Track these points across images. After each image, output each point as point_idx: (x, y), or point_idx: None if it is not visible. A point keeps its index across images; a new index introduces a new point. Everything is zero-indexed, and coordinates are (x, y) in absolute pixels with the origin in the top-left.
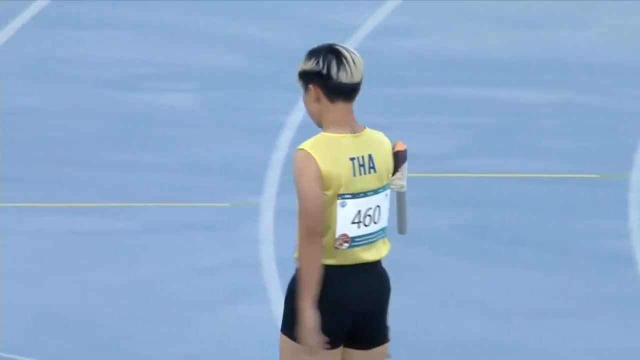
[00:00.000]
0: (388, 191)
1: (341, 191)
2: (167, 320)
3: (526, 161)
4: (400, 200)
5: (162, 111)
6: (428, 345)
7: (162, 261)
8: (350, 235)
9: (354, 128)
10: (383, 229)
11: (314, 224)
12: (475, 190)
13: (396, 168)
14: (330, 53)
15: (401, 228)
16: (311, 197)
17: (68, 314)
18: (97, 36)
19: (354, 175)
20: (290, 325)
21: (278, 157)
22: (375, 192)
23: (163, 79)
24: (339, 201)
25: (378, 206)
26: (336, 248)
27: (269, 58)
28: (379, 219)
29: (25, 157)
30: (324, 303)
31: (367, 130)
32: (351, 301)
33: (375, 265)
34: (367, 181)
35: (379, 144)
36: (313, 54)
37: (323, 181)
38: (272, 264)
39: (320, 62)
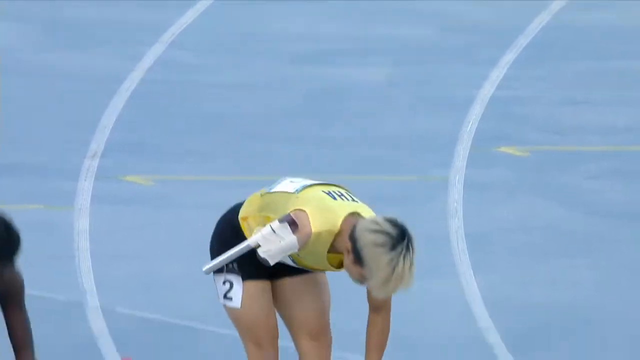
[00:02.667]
0: None
1: None
2: (353, 295)
3: None
4: None
5: (352, 86)
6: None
7: None
8: None
9: None
10: None
11: None
12: None
13: None
14: None
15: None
16: None
17: None
18: (286, 10)
19: None
20: None
21: (468, 131)
22: None
23: (353, 53)
24: None
25: None
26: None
27: (461, 32)
28: None
29: (216, 131)
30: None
31: None
32: None
33: None
34: None
35: None
36: None
37: None
38: (461, 238)
39: None
